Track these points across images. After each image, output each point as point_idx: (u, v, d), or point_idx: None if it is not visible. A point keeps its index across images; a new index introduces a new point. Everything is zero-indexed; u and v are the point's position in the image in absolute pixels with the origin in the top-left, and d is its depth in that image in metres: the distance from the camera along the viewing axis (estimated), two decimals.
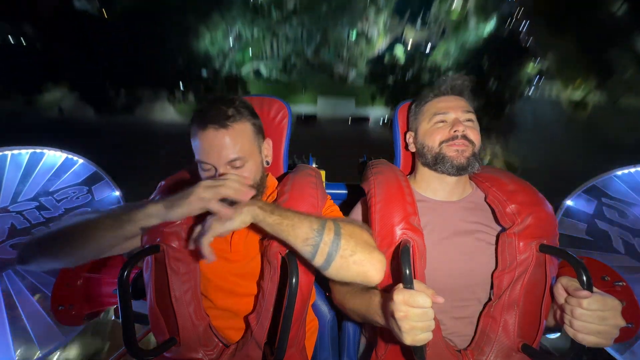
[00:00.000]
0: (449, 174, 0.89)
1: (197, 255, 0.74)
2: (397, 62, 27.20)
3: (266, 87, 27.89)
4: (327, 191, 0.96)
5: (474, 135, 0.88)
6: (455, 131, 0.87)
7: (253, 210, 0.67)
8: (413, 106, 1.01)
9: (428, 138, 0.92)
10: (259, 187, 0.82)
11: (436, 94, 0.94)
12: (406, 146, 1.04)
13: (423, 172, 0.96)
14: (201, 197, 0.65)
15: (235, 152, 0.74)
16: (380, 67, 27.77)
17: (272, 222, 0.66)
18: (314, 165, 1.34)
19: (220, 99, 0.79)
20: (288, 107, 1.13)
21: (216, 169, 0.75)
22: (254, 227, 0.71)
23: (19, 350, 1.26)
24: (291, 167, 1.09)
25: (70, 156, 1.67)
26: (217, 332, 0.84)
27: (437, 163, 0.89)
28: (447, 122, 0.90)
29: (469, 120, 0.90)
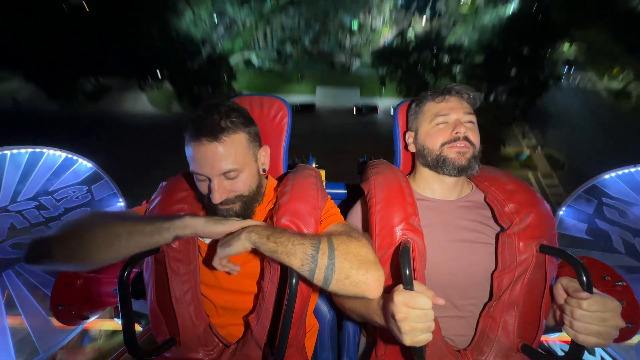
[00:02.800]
0: (450, 175, 0.89)
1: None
2: (409, 43, 24.07)
3: (257, 77, 25.37)
4: (327, 191, 0.96)
5: (475, 137, 0.89)
6: (457, 132, 0.87)
7: (250, 237, 0.70)
8: (413, 105, 1.01)
9: (429, 140, 0.92)
10: (256, 196, 0.83)
11: (437, 94, 0.94)
12: (406, 146, 1.03)
13: (423, 172, 0.97)
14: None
15: (229, 164, 0.74)
16: (389, 50, 24.34)
17: (267, 249, 0.69)
18: (314, 165, 1.34)
19: (216, 106, 0.77)
20: (288, 108, 1.12)
21: (210, 180, 0.75)
22: None
23: (18, 351, 1.26)
24: (291, 167, 1.08)
25: (70, 155, 1.67)
26: (217, 332, 0.84)
27: (438, 165, 0.90)
28: (449, 123, 0.90)
29: (470, 121, 0.90)
